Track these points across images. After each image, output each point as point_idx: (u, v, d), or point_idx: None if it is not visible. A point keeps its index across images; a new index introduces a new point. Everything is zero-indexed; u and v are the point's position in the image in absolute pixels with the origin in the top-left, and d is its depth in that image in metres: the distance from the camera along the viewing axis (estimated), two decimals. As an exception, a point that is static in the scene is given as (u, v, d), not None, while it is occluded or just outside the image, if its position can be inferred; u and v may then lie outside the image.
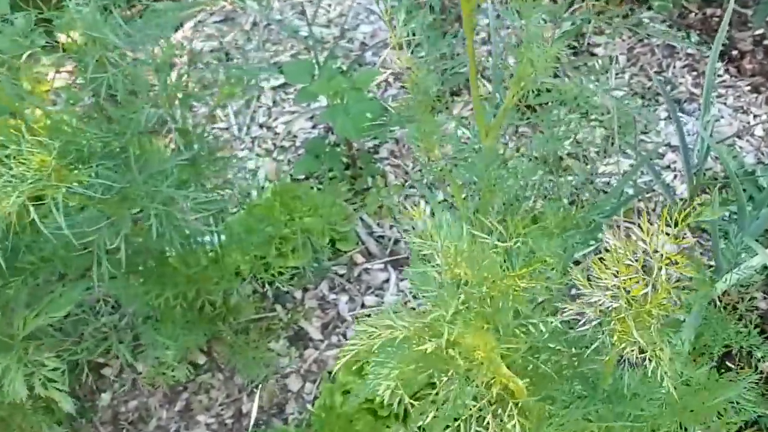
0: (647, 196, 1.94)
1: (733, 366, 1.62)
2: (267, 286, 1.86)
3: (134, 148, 1.08)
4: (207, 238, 1.55)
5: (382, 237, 1.97)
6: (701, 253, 1.80)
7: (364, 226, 1.98)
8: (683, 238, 0.73)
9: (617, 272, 0.76)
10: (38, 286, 1.28)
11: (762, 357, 1.60)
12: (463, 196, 1.36)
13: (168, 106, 1.21)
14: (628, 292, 0.76)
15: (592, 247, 1.72)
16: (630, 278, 0.74)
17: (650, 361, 0.77)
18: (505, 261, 0.80)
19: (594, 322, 0.85)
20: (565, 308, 0.87)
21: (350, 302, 1.85)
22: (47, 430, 1.35)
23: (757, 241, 1.51)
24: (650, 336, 0.77)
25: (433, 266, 0.70)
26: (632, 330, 0.75)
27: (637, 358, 0.82)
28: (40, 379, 1.03)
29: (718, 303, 1.47)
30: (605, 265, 0.75)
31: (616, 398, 0.92)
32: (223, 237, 1.56)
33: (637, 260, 0.77)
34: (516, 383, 0.83)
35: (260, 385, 1.73)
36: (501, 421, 0.78)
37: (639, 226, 0.77)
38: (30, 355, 1.05)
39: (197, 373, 1.77)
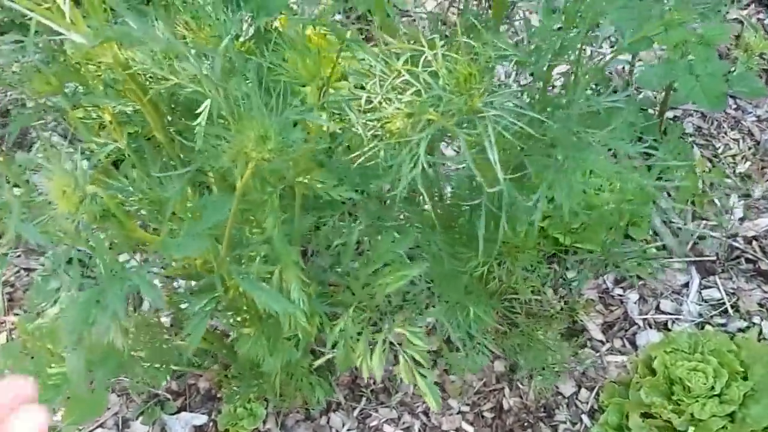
0: None
1: None
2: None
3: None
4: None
5: (680, 230, 1.62)
6: None
7: (659, 213, 1.64)
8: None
9: None
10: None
11: None
12: None
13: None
14: None
15: None
16: None
17: None
18: None
19: None
20: None
21: (641, 302, 1.53)
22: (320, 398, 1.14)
23: None
24: None
25: None
26: None
27: None
28: (405, 361, 0.80)
29: None
30: None
31: None
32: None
33: None
34: None
35: (527, 380, 1.46)
36: None
37: None
38: (393, 324, 0.82)
39: (446, 349, 1.52)
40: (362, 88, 0.80)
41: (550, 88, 1.02)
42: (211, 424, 1.47)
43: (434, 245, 1.10)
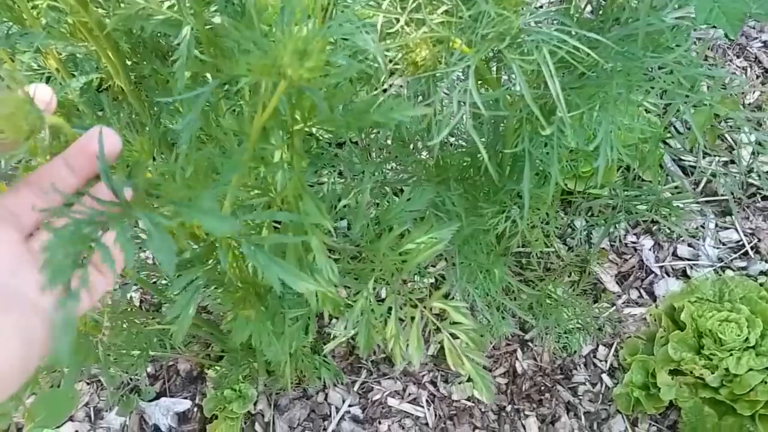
0: None
1: None
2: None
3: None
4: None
5: (693, 168, 1.51)
6: None
7: (668, 151, 1.52)
8: None
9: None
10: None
11: None
12: None
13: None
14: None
15: None
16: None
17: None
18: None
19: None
20: None
21: (656, 249, 1.42)
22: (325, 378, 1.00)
23: None
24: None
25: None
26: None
27: None
28: (450, 342, 0.66)
29: None
30: None
31: None
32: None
33: None
34: None
35: (540, 339, 1.34)
36: None
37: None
38: (429, 300, 0.68)
39: (452, 311, 1.39)
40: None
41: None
42: (195, 409, 1.33)
43: (449, 201, 0.96)
